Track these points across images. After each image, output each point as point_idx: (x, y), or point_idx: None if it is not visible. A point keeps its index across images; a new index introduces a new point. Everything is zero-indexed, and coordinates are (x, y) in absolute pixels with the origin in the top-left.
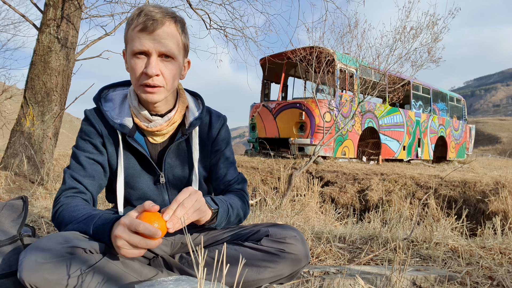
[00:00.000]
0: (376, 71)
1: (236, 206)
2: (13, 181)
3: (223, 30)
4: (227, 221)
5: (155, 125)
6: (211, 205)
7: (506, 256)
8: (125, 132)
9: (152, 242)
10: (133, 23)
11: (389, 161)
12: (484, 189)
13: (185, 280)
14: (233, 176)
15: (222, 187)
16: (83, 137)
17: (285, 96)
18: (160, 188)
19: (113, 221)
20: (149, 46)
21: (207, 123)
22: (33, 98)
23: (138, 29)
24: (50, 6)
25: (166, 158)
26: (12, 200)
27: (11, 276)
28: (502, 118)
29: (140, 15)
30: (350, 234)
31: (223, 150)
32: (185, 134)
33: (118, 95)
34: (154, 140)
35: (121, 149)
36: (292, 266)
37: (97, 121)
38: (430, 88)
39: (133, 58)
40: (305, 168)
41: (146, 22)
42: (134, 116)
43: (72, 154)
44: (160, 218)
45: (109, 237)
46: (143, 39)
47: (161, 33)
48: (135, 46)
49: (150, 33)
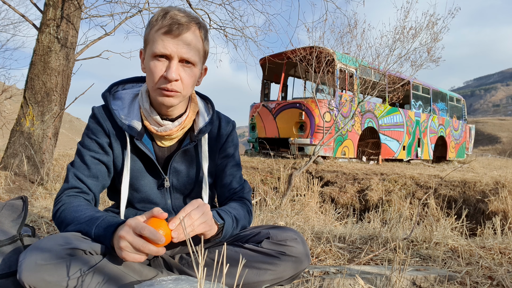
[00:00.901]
0: (376, 71)
1: (240, 217)
2: (13, 181)
3: (223, 30)
4: (231, 233)
5: (165, 129)
6: (217, 220)
7: (506, 256)
8: (133, 135)
9: (154, 248)
10: (157, 24)
11: (389, 161)
12: (484, 189)
13: (184, 279)
14: (238, 184)
15: (227, 194)
16: (89, 135)
17: (285, 96)
18: (163, 192)
19: (117, 225)
20: (172, 50)
21: (216, 128)
22: (33, 98)
23: (163, 31)
24: (50, 6)
25: (173, 162)
26: (12, 200)
27: (11, 276)
28: (502, 118)
29: (165, 18)
30: (350, 234)
31: (230, 157)
32: (193, 141)
33: (127, 93)
34: (162, 143)
35: (128, 150)
36: (293, 269)
37: (105, 120)
38: (430, 88)
39: (153, 60)
40: (305, 168)
41: (172, 25)
42: (144, 119)
43: (77, 151)
44: (166, 226)
45: (110, 240)
46: (166, 42)
47: (185, 38)
48: (158, 49)
49: (174, 37)
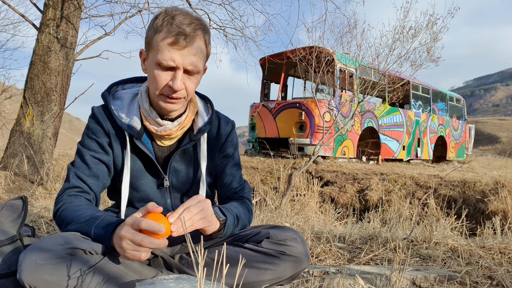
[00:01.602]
0: (376, 71)
1: (241, 216)
2: (12, 181)
3: (222, 30)
4: (232, 231)
5: (165, 129)
6: (220, 216)
7: (505, 256)
8: (133, 134)
9: (155, 240)
10: (163, 31)
11: (389, 161)
12: (483, 189)
13: (185, 279)
14: (238, 184)
15: (227, 194)
16: (89, 135)
17: (284, 96)
18: (163, 192)
19: (116, 224)
20: (179, 62)
21: (215, 128)
22: (32, 98)
23: (169, 42)
24: (49, 6)
25: (172, 162)
26: (11, 200)
27: (11, 276)
28: (501, 118)
29: (171, 25)
30: (350, 234)
31: (230, 157)
32: (193, 140)
33: (127, 93)
34: (161, 143)
35: (128, 151)
36: (293, 268)
37: (104, 120)
38: (430, 88)
39: (157, 68)
40: (304, 168)
41: (178, 36)
42: (143, 118)
43: (77, 151)
44: (164, 219)
45: (110, 240)
46: (173, 54)
47: (192, 50)
48: (164, 60)
49: (181, 48)
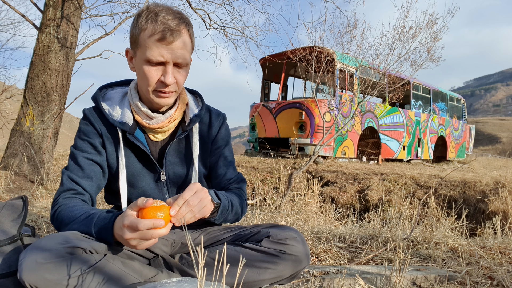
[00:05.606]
0: (376, 71)
1: (235, 203)
2: (13, 181)
3: (223, 30)
4: (226, 217)
5: (157, 122)
6: (214, 199)
7: (506, 256)
8: (125, 129)
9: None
10: (148, 28)
11: (389, 161)
12: (484, 189)
13: (188, 281)
14: (232, 175)
15: (221, 185)
16: (81, 137)
17: (285, 96)
18: (160, 186)
19: (113, 220)
20: (167, 57)
21: (207, 121)
22: (33, 98)
23: (156, 38)
24: (50, 6)
25: (167, 155)
26: (12, 200)
27: (11, 276)
28: (502, 118)
29: (156, 22)
30: (350, 234)
31: (223, 149)
32: (185, 131)
33: (117, 93)
34: (155, 137)
35: (122, 147)
36: (293, 267)
37: (96, 120)
38: (430, 88)
39: (147, 65)
40: (305, 168)
41: (165, 32)
42: (134, 113)
43: (70, 155)
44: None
45: (112, 236)
46: (162, 50)
47: (179, 44)
48: (153, 56)
49: (168, 43)
